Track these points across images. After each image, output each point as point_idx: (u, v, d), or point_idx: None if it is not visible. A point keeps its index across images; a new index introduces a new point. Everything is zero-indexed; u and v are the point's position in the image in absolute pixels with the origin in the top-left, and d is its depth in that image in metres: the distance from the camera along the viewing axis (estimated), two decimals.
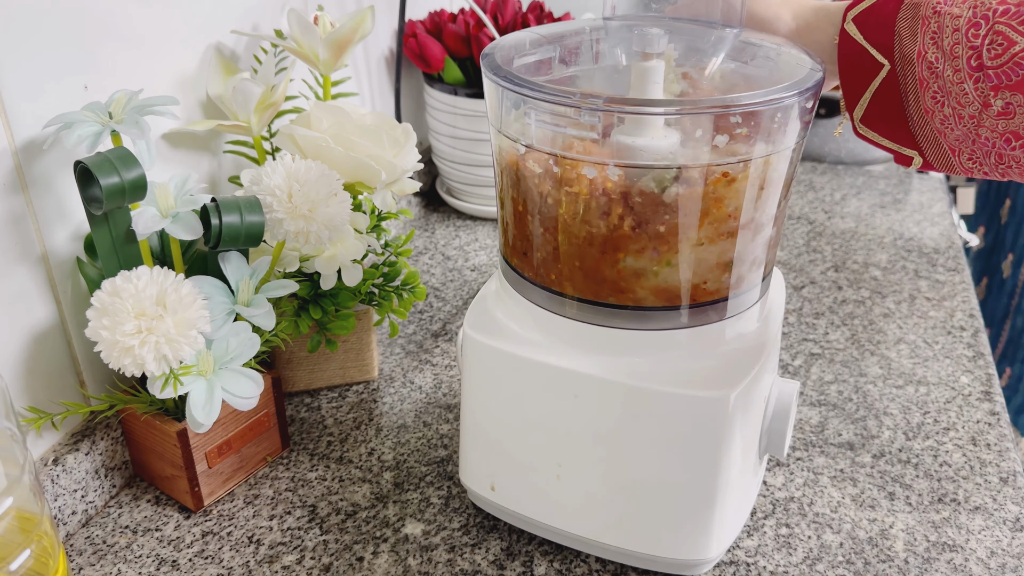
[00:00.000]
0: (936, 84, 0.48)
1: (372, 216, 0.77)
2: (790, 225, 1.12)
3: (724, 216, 0.52)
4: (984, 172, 0.52)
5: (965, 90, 0.47)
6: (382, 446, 0.73)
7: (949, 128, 0.49)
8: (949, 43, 0.46)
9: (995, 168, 0.50)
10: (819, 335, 0.88)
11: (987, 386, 0.80)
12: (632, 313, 0.54)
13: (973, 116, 0.47)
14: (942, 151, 0.51)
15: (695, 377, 0.54)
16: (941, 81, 0.47)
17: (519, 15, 1.08)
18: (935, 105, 0.48)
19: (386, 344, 0.87)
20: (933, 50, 0.47)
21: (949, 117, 0.48)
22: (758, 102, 0.50)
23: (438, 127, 1.09)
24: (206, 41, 0.74)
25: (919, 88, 0.49)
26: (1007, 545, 0.63)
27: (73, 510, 0.64)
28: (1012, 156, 0.48)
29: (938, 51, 0.47)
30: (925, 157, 0.52)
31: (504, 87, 0.53)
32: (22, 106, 0.58)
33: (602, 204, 0.51)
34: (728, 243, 0.53)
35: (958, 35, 0.46)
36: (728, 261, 0.54)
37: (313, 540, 0.64)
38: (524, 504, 0.61)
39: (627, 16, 0.61)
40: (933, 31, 0.47)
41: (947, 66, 0.47)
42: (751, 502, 0.64)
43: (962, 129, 0.48)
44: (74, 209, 0.63)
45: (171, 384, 0.58)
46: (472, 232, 1.11)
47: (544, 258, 0.56)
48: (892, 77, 0.49)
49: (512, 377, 0.58)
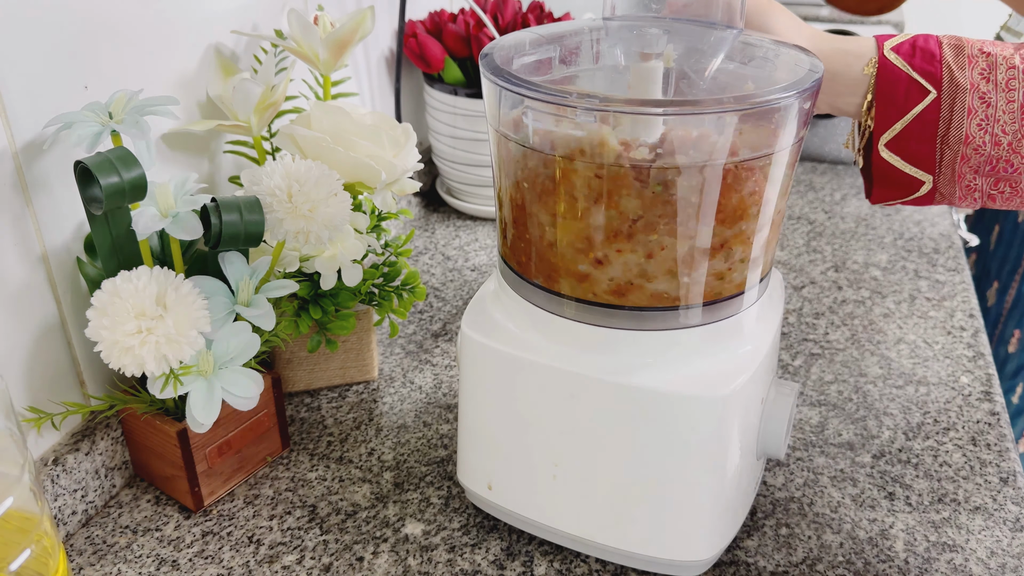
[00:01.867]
0: (985, 112, 0.54)
1: (372, 216, 0.77)
2: (790, 225, 1.12)
3: (723, 216, 0.52)
4: (974, 197, 0.58)
5: (1013, 119, 0.54)
6: (382, 446, 0.73)
7: (978, 153, 0.56)
8: (1004, 78, 0.54)
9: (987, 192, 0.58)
10: (819, 335, 0.88)
11: (987, 386, 0.80)
12: (630, 313, 0.54)
13: (1011, 143, 0.54)
14: (951, 177, 0.57)
15: (691, 378, 0.54)
16: (992, 110, 0.54)
17: (519, 15, 1.08)
18: (979, 131, 0.55)
19: (386, 344, 0.87)
20: (983, 84, 0.54)
21: (986, 144, 0.55)
22: (757, 102, 0.50)
23: (438, 127, 1.09)
24: (206, 41, 0.74)
25: (966, 116, 0.55)
26: (1007, 545, 0.63)
27: (73, 510, 0.64)
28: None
29: (989, 84, 0.54)
30: (936, 183, 0.58)
31: (502, 87, 0.53)
32: (22, 106, 0.58)
33: (600, 204, 0.51)
34: (727, 243, 0.53)
35: (1013, 71, 0.54)
36: (726, 261, 0.54)
37: (313, 540, 0.64)
38: (521, 504, 0.61)
39: (627, 16, 0.61)
40: (982, 68, 0.55)
41: (1001, 97, 0.54)
42: (749, 502, 0.64)
43: (993, 152, 0.55)
44: (74, 209, 0.63)
45: (171, 384, 0.58)
46: (472, 232, 1.11)
47: (542, 258, 0.56)
48: (934, 104, 0.56)
49: (509, 377, 0.58)
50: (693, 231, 0.52)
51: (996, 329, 1.31)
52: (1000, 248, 1.32)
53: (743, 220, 0.53)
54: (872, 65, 0.57)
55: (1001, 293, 1.31)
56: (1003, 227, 1.31)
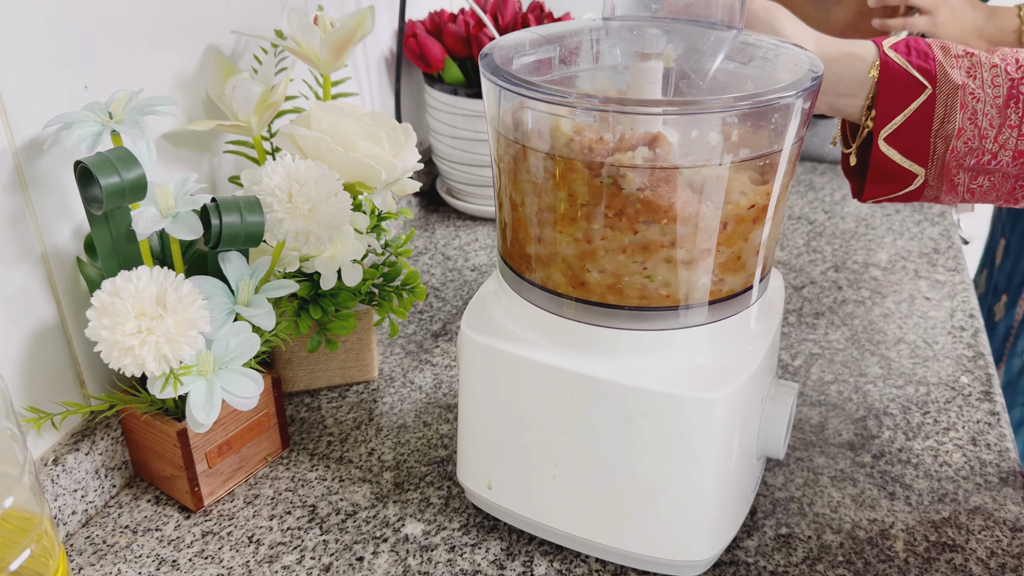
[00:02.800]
0: (974, 107, 0.57)
1: (372, 216, 0.77)
2: (790, 225, 1.12)
3: (722, 216, 0.52)
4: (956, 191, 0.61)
5: (999, 114, 0.57)
6: (382, 446, 0.73)
7: (967, 146, 0.58)
8: (989, 76, 0.57)
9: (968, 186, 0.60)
10: (819, 335, 0.88)
11: (987, 386, 0.80)
12: (629, 313, 0.54)
13: (996, 136, 0.57)
14: (940, 171, 0.60)
15: (690, 377, 0.54)
16: (981, 105, 0.57)
17: (519, 15, 1.08)
18: (969, 124, 0.57)
19: (386, 344, 0.87)
20: (971, 81, 0.57)
21: (975, 137, 0.58)
22: (756, 102, 0.50)
23: (438, 127, 1.09)
24: (206, 41, 0.74)
25: (959, 110, 0.57)
26: (1007, 545, 0.63)
27: (73, 510, 0.64)
28: (1006, 172, 0.58)
29: (976, 81, 0.57)
30: (927, 177, 0.60)
31: (501, 87, 0.53)
32: (22, 106, 0.58)
33: (600, 204, 0.51)
34: (726, 243, 0.53)
35: (996, 70, 0.57)
36: (726, 261, 0.54)
37: (313, 540, 0.64)
38: (521, 504, 0.61)
39: (627, 16, 0.61)
40: (968, 66, 0.58)
41: (988, 93, 0.57)
42: (749, 502, 0.65)
43: (980, 146, 0.58)
44: (74, 209, 0.63)
45: (171, 384, 0.58)
46: (472, 232, 1.11)
47: (542, 258, 0.56)
48: (930, 100, 0.58)
49: (509, 376, 0.58)
50: (693, 232, 0.52)
51: (1007, 343, 1.29)
52: (1008, 261, 1.31)
53: (743, 220, 0.53)
54: (875, 68, 0.59)
55: (1010, 307, 1.30)
56: (1010, 240, 1.30)
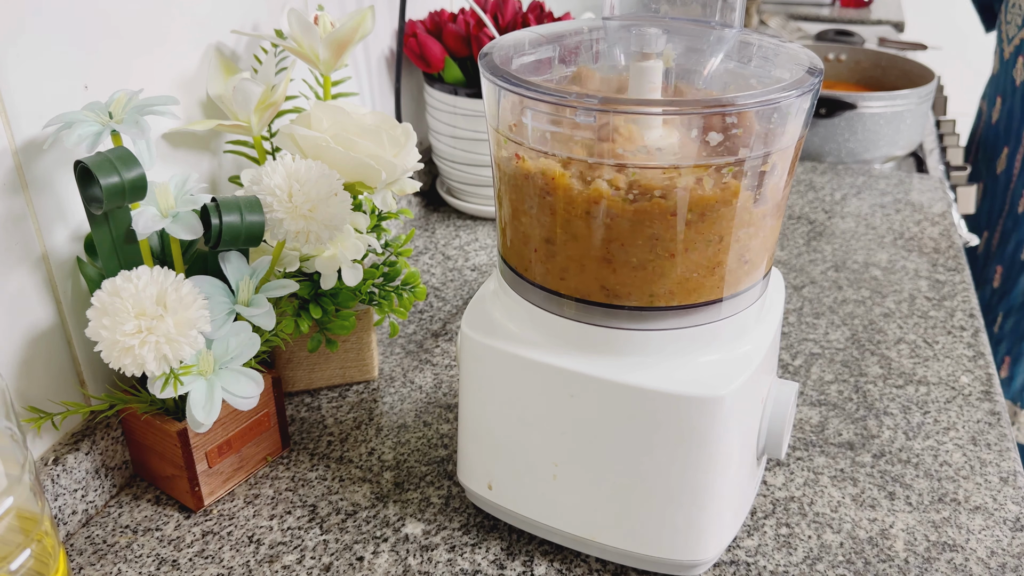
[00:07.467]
0: None
1: (372, 216, 0.77)
2: (790, 225, 1.12)
3: (722, 216, 0.52)
4: None
5: None
6: (382, 446, 0.73)
7: None
8: None
9: None
10: (819, 335, 0.88)
11: (987, 386, 0.80)
12: (629, 313, 0.54)
13: None
14: None
15: (691, 377, 0.54)
16: None
17: (519, 15, 1.08)
18: None
19: (386, 344, 0.87)
20: None
21: None
22: (756, 102, 0.50)
23: (438, 127, 1.09)
24: (206, 41, 0.74)
25: None
26: (1007, 545, 0.63)
27: (73, 510, 0.64)
28: None
29: None
30: None
31: (501, 87, 0.53)
32: (22, 106, 0.58)
33: (599, 204, 0.51)
34: (726, 243, 0.53)
35: None
36: (726, 261, 0.54)
37: (313, 540, 0.64)
38: (521, 503, 0.61)
39: (626, 16, 0.61)
40: None
41: None
42: (749, 502, 0.65)
43: None
44: (74, 209, 0.63)
45: (171, 384, 0.58)
46: (472, 232, 1.11)
47: (542, 258, 0.56)
48: None
49: (509, 376, 0.58)
50: (692, 231, 0.52)
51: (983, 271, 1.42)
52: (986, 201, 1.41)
53: (743, 220, 0.53)
54: None
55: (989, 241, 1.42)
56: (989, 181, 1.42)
